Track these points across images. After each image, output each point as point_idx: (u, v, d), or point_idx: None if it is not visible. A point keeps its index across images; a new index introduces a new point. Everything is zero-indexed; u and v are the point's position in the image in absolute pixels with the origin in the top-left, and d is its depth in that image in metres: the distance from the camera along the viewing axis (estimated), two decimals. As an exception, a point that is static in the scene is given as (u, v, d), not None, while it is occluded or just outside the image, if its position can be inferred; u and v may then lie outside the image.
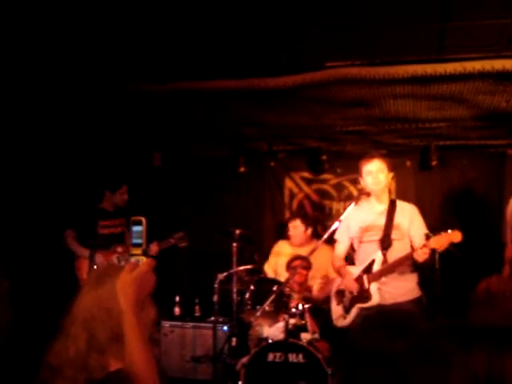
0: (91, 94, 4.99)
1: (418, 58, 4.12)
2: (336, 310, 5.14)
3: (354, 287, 4.89)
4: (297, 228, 6.43)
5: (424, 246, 4.51)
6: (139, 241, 1.95)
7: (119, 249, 6.14)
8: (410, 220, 4.97)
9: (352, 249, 5.22)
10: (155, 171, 7.56)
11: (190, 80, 4.68)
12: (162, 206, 7.54)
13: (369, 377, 1.57)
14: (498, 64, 4.05)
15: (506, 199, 5.97)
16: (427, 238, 4.53)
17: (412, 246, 4.82)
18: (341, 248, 5.17)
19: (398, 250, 4.88)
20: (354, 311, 4.92)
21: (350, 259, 5.36)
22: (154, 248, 6.06)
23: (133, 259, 1.97)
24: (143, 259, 1.96)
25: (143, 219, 1.94)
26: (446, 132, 6.33)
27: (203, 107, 5.48)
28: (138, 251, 1.97)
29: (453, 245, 4.50)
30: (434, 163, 6.87)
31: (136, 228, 1.94)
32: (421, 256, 4.52)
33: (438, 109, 5.38)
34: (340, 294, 5.13)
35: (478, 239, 6.21)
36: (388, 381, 1.43)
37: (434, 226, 5.80)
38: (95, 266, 5.72)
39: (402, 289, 4.86)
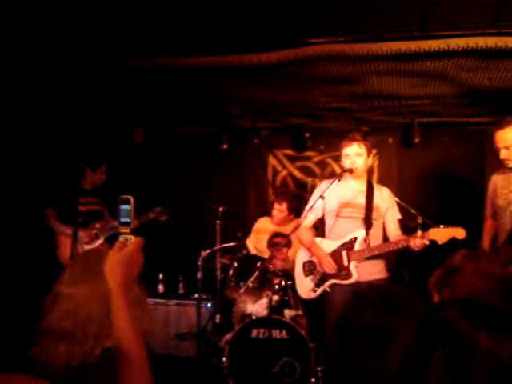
0: (72, 70, 4.93)
1: (402, 35, 4.11)
2: (304, 281, 5.11)
3: (334, 268, 4.85)
4: (282, 211, 6.42)
5: (423, 236, 4.52)
6: (127, 219, 1.93)
7: (97, 225, 6.11)
8: (387, 204, 5.00)
9: (321, 222, 5.20)
10: (137, 148, 7.51)
11: (173, 56, 4.64)
12: (144, 183, 7.51)
13: (365, 352, 1.58)
14: (482, 41, 4.05)
15: (487, 176, 6.01)
16: (419, 226, 4.55)
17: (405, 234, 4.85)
18: (310, 219, 5.05)
19: (377, 231, 4.92)
20: (326, 285, 4.93)
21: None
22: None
23: (121, 238, 1.95)
24: (131, 238, 1.95)
25: (131, 197, 1.92)
26: (428, 109, 6.35)
27: (186, 84, 5.44)
28: (126, 230, 1.95)
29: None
30: (416, 140, 6.90)
31: (124, 206, 1.92)
32: (419, 246, 4.54)
33: (421, 86, 5.39)
34: (309, 265, 5.10)
35: (459, 215, 6.26)
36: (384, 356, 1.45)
37: (416, 203, 5.87)
38: (79, 244, 5.72)
39: (376, 266, 4.89)
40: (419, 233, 4.57)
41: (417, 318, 1.61)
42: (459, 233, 4.46)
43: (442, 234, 4.49)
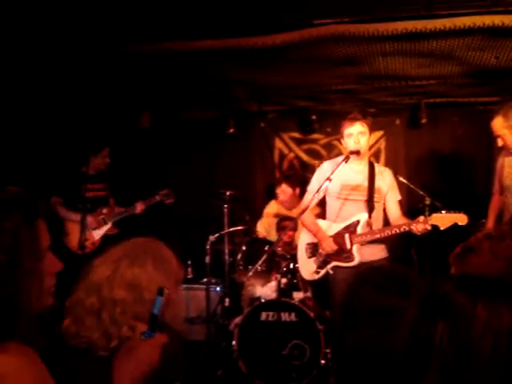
0: (77, 55, 4.92)
1: (408, 15, 4.07)
2: (306, 262, 5.11)
3: (334, 248, 4.86)
4: (285, 192, 6.41)
5: (426, 221, 4.51)
6: (155, 312, 1.93)
7: (104, 210, 6.12)
8: (388, 185, 4.98)
9: (322, 203, 5.19)
10: (143, 133, 7.50)
11: (178, 40, 4.62)
12: (151, 168, 7.52)
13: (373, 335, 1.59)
14: (489, 19, 4.02)
15: (494, 155, 5.99)
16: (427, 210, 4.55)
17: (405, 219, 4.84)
18: (313, 202, 4.91)
19: (378, 213, 4.91)
20: (328, 267, 4.93)
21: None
22: (139, 206, 6.05)
23: (141, 336, 1.96)
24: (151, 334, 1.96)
25: (165, 289, 1.92)
26: (435, 89, 6.31)
27: (192, 68, 5.43)
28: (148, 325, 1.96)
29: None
30: (423, 121, 6.86)
31: (159, 298, 1.91)
32: (420, 231, 4.53)
33: (428, 66, 5.35)
34: (312, 247, 5.09)
35: (467, 195, 6.25)
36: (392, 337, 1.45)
37: (424, 184, 5.85)
38: (89, 229, 5.75)
39: (377, 247, 4.88)
40: (421, 218, 4.57)
41: (420, 297, 1.61)
42: (461, 219, 4.46)
43: (444, 219, 4.49)
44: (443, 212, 4.51)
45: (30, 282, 1.49)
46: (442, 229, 4.49)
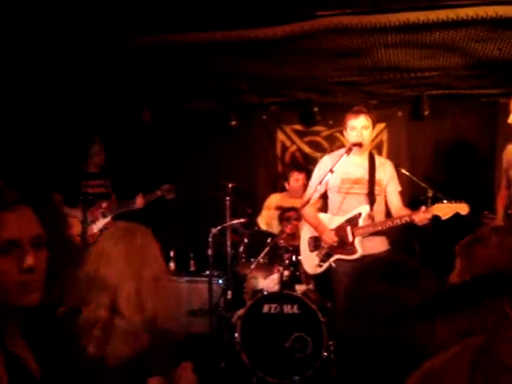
0: (76, 49, 4.90)
1: (410, 6, 4.05)
2: (309, 256, 5.09)
3: (334, 241, 4.87)
4: (298, 180, 6.42)
5: (427, 211, 4.51)
6: None
7: (104, 204, 6.10)
8: (389, 177, 4.96)
9: (323, 197, 5.19)
10: (145, 127, 7.50)
11: (178, 32, 4.60)
12: (153, 161, 7.51)
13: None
14: (492, 10, 4.00)
15: (498, 148, 5.97)
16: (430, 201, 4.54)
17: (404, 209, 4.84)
18: (315, 195, 4.93)
19: (380, 206, 4.90)
20: (331, 261, 4.93)
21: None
22: (139, 200, 6.02)
23: None
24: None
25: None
26: (437, 81, 6.29)
27: (192, 60, 5.41)
28: None
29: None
30: (426, 113, 6.84)
31: None
32: (422, 221, 4.53)
33: (430, 58, 5.33)
34: (314, 241, 5.08)
35: (470, 187, 6.24)
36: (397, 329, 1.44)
37: (426, 176, 5.84)
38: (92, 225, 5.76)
39: (379, 239, 4.88)
40: (423, 208, 4.57)
41: (423, 287, 1.60)
42: (462, 208, 4.46)
43: (445, 209, 4.49)
44: (444, 202, 4.52)
45: None
46: (443, 218, 4.49)
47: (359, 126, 4.77)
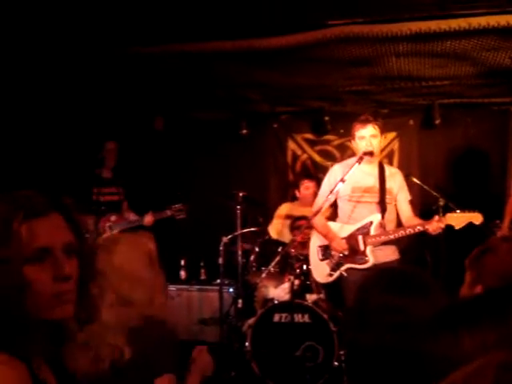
0: (91, 57, 4.94)
1: (421, 15, 4.05)
2: (319, 265, 5.08)
3: (344, 249, 4.85)
4: (309, 188, 6.41)
5: (440, 220, 4.49)
6: None
7: (113, 217, 6.07)
8: (398, 185, 4.95)
9: (333, 206, 5.18)
10: (157, 135, 7.52)
11: (190, 41, 4.63)
12: (165, 169, 7.53)
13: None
14: (503, 20, 3.99)
15: (510, 156, 5.96)
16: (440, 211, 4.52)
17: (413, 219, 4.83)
18: (325, 205, 4.93)
19: (390, 215, 4.89)
20: (342, 270, 4.91)
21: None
22: (148, 218, 5.99)
23: None
24: None
25: None
26: (449, 90, 6.29)
27: (204, 69, 5.43)
28: None
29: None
30: (437, 121, 6.82)
31: None
32: (435, 230, 4.52)
33: (442, 66, 5.33)
34: (325, 249, 5.06)
35: (481, 196, 6.21)
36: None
37: (438, 185, 5.82)
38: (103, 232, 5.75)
39: (390, 248, 4.87)
40: (436, 217, 4.55)
41: (433, 298, 1.59)
42: (476, 217, 4.44)
43: (458, 218, 4.47)
44: (458, 211, 4.50)
45: (16, 285, 1.35)
46: (456, 228, 4.47)
47: (368, 135, 4.76)
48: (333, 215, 5.36)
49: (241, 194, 6.01)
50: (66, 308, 1.43)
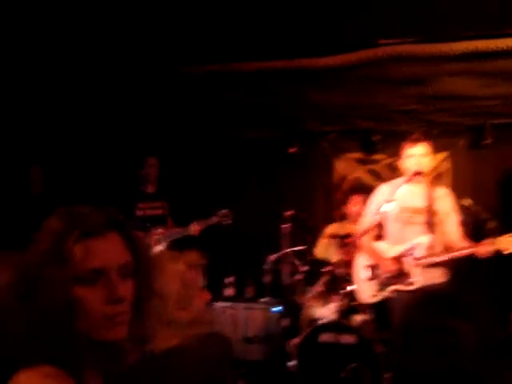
0: (144, 76, 5.03)
1: (475, 34, 4.01)
2: (365, 285, 5.01)
3: (393, 269, 4.79)
4: (357, 204, 6.36)
5: (489, 244, 4.39)
6: None
7: (160, 230, 6.07)
8: (448, 207, 4.86)
9: (378, 225, 5.12)
10: (207, 153, 7.59)
11: (243, 60, 4.67)
12: (213, 187, 7.57)
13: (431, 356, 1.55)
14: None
15: None
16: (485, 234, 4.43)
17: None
18: (371, 224, 4.92)
19: (439, 236, 4.80)
20: (388, 290, 4.84)
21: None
22: (194, 227, 5.93)
23: None
24: None
25: None
26: (501, 110, 6.20)
27: (255, 89, 5.48)
28: None
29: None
30: (488, 142, 6.72)
31: None
32: (484, 254, 4.41)
33: (493, 86, 5.26)
34: (372, 269, 4.99)
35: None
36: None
37: (491, 207, 5.71)
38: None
39: (437, 270, 4.77)
40: (485, 241, 4.44)
41: (480, 321, 1.56)
42: None
43: (509, 242, 4.34)
44: (508, 235, 4.38)
45: (65, 305, 1.34)
46: (505, 253, 4.36)
47: (418, 154, 4.72)
48: (379, 235, 5.31)
49: (288, 213, 6.01)
50: (118, 329, 1.41)
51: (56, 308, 1.33)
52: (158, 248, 5.93)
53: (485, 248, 4.39)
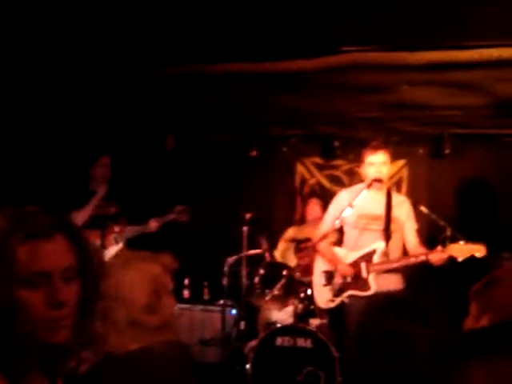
0: (110, 77, 4.97)
1: (435, 45, 4.07)
2: (322, 290, 5.07)
3: (350, 273, 4.84)
4: (315, 208, 6.40)
5: (443, 251, 4.48)
6: None
7: (116, 228, 5.96)
8: (405, 214, 4.94)
9: (339, 231, 5.17)
10: (167, 155, 7.54)
11: (203, 63, 4.66)
12: (172, 188, 7.52)
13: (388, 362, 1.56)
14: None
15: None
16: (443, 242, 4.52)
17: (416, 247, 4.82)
18: (330, 230, 4.97)
19: (396, 243, 4.87)
20: (344, 296, 4.89)
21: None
22: (153, 224, 5.86)
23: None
24: None
25: None
26: (460, 120, 6.28)
27: (217, 91, 5.46)
28: None
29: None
30: (447, 151, 6.81)
31: None
32: (438, 261, 4.50)
33: (453, 96, 5.33)
34: (328, 275, 5.06)
35: (489, 228, 6.18)
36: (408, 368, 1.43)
37: (446, 214, 5.79)
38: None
39: (394, 276, 4.85)
40: (439, 248, 4.53)
41: (436, 327, 1.59)
42: (479, 250, 4.42)
43: (462, 250, 4.45)
44: (461, 243, 4.47)
45: (6, 307, 1.29)
46: (459, 260, 4.45)
47: (377, 162, 4.77)
48: (339, 241, 5.35)
49: (248, 216, 6.00)
50: (61, 333, 1.37)
51: None
52: (116, 247, 5.83)
53: (438, 255, 4.48)
